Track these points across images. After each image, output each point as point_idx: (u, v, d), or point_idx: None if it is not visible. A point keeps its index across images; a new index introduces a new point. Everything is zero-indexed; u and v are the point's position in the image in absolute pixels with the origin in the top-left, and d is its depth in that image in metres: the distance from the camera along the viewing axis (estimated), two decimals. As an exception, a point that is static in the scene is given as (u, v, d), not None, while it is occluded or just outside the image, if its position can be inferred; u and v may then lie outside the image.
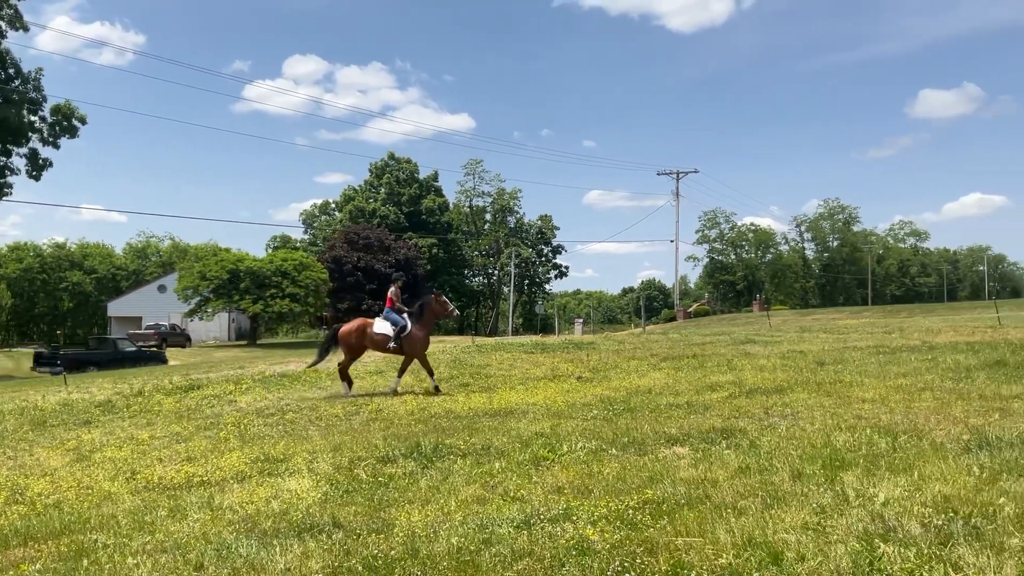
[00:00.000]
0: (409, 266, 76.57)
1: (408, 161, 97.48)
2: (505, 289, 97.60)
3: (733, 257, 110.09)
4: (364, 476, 7.58)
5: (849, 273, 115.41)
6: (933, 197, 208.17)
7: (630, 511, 5.41)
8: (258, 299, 60.32)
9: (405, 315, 15.35)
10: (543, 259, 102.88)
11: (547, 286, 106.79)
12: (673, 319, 73.69)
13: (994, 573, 3.68)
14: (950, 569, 3.78)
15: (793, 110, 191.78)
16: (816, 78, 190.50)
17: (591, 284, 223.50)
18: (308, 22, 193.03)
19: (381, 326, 15.35)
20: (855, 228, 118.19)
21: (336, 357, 16.38)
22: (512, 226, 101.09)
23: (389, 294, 15.76)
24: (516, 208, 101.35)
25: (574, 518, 5.29)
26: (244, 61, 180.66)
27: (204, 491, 7.58)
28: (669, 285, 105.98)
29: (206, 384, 18.00)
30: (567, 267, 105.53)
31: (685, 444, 8.38)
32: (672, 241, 78.68)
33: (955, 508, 4.82)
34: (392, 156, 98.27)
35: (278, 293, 60.39)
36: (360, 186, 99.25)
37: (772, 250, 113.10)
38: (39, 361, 37.18)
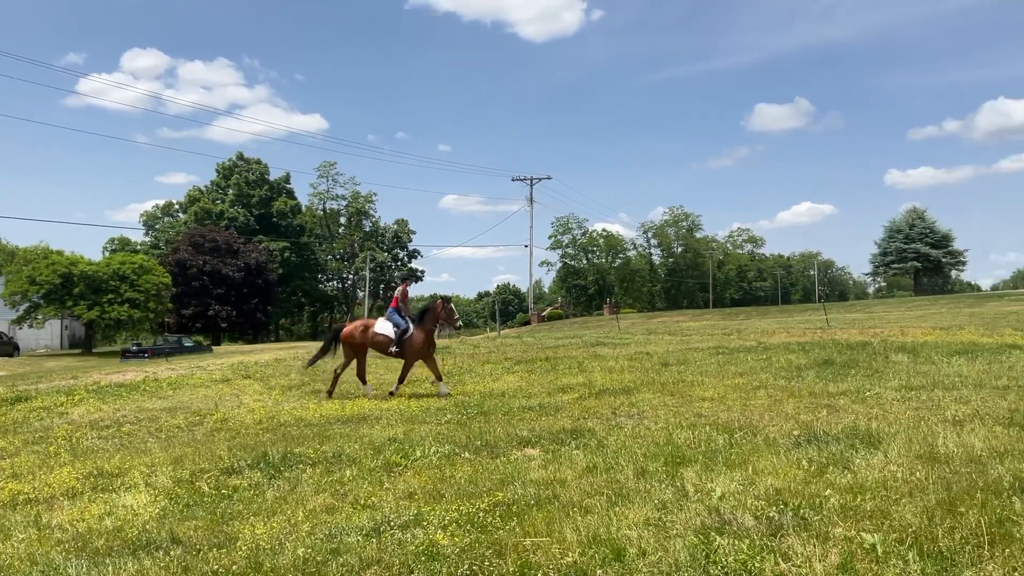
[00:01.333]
0: (260, 270, 74.38)
1: (258, 162, 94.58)
2: (360, 293, 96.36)
3: (585, 262, 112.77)
4: (207, 489, 7.27)
5: (692, 277, 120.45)
6: (768, 205, 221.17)
7: (481, 514, 5.44)
8: (94, 305, 56.91)
9: (407, 317, 14.70)
10: (399, 263, 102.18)
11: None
12: (527, 323, 74.80)
13: (819, 561, 3.91)
14: (779, 559, 3.99)
15: (640, 120, 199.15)
16: (661, 89, 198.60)
17: (447, 288, 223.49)
18: (148, 14, 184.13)
19: (383, 327, 14.70)
20: (698, 235, 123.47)
21: (335, 358, 15.74)
22: (367, 230, 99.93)
23: (395, 294, 15.19)
24: (371, 211, 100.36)
25: (424, 523, 5.27)
26: (79, 53, 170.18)
27: (30, 509, 7.07)
28: (524, 289, 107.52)
29: (35, 396, 16.83)
30: (423, 271, 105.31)
31: (536, 445, 8.50)
32: (526, 246, 79.87)
33: (785, 500, 5.09)
34: (241, 156, 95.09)
35: (116, 298, 57.21)
36: (206, 187, 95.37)
37: (621, 255, 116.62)
38: (126, 355, 47.78)
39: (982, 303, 42.29)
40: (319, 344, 18.38)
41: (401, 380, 14.85)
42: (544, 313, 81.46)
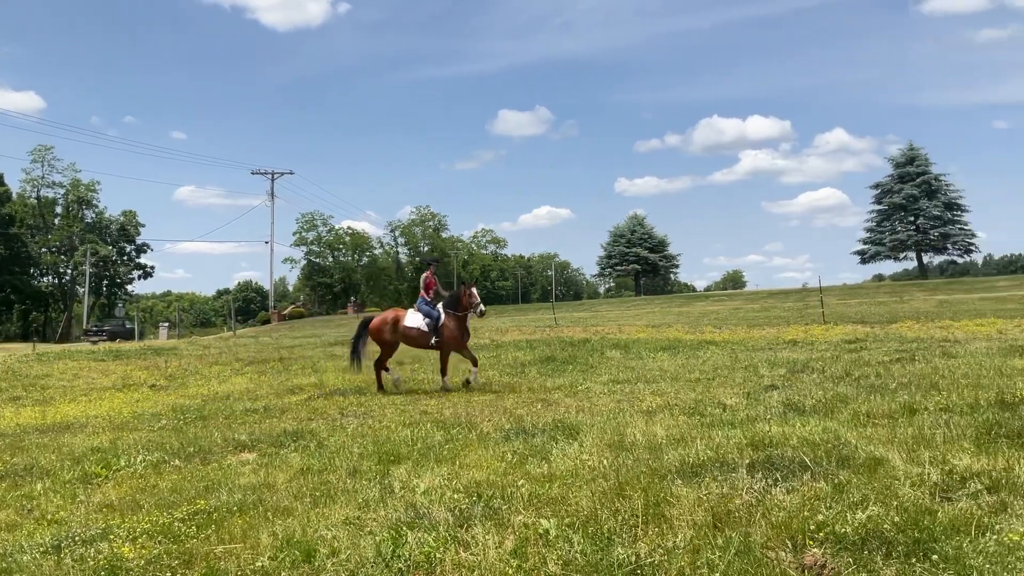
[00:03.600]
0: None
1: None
2: (80, 290, 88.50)
3: (331, 260, 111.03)
4: None
5: (439, 277, 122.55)
6: (511, 208, 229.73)
7: (177, 523, 5.24)
8: None
9: (440, 305, 13.47)
10: (125, 258, 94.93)
11: (130, 287, 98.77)
12: (268, 322, 72.50)
13: (495, 548, 4.18)
14: (461, 548, 4.21)
15: (388, 118, 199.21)
16: (408, 89, 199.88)
17: (183, 285, 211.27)
18: None
19: (413, 319, 13.43)
20: (444, 235, 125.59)
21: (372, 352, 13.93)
22: (90, 221, 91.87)
23: (421, 282, 13.92)
24: (94, 202, 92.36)
25: (112, 537, 4.98)
26: None
27: None
28: (268, 287, 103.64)
29: None
30: (153, 267, 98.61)
31: (254, 450, 8.33)
32: (267, 242, 77.31)
33: (481, 492, 5.37)
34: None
35: None
36: None
37: (368, 254, 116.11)
38: (88, 333, 55.78)
39: (690, 303, 46.62)
40: (29, 347, 16.69)
41: (444, 371, 13.54)
42: (285, 312, 79.29)
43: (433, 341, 13.34)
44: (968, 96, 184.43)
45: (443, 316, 13.35)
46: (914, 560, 3.57)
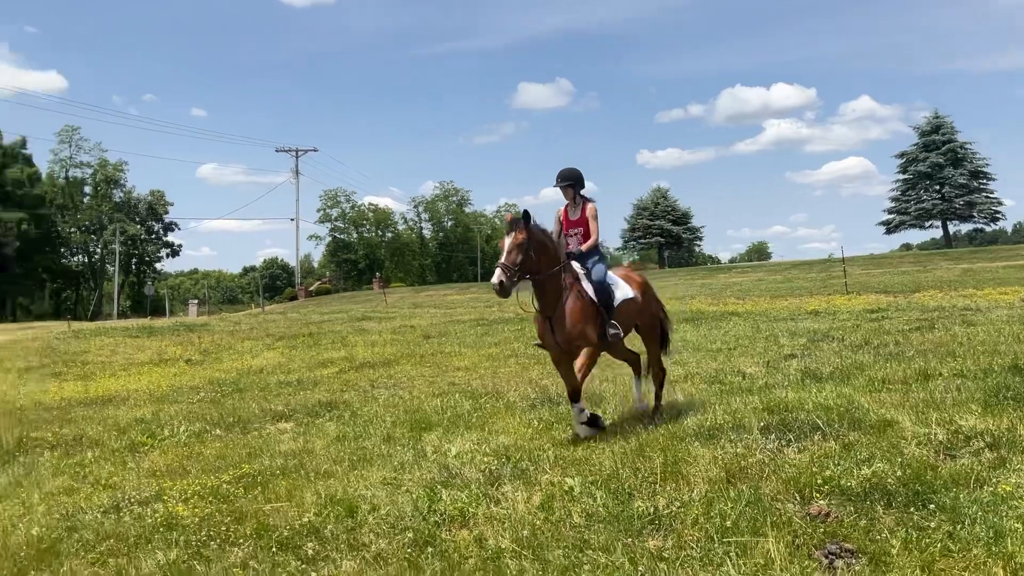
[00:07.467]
0: (-10, 244, 67.40)
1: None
2: (110, 269, 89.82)
3: (355, 236, 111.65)
4: (-71, 479, 6.84)
5: (462, 252, 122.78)
6: (532, 182, 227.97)
7: (225, 486, 5.60)
8: None
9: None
10: (153, 236, 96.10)
11: (158, 265, 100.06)
12: (295, 298, 73.27)
13: (524, 503, 4.50)
14: (492, 504, 4.54)
15: (406, 93, 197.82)
16: (426, 64, 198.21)
17: (210, 263, 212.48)
18: None
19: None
20: (467, 209, 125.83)
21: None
22: (118, 200, 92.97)
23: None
24: (122, 181, 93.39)
25: (165, 498, 5.35)
26: None
27: None
28: (293, 264, 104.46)
29: None
30: (180, 245, 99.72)
31: (290, 419, 8.70)
32: (292, 219, 78.00)
33: (510, 455, 5.68)
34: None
35: None
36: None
37: (392, 229, 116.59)
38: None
39: (714, 275, 46.56)
40: (63, 324, 17.19)
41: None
42: (311, 288, 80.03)
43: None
44: (995, 62, 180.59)
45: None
46: (912, 509, 3.83)
